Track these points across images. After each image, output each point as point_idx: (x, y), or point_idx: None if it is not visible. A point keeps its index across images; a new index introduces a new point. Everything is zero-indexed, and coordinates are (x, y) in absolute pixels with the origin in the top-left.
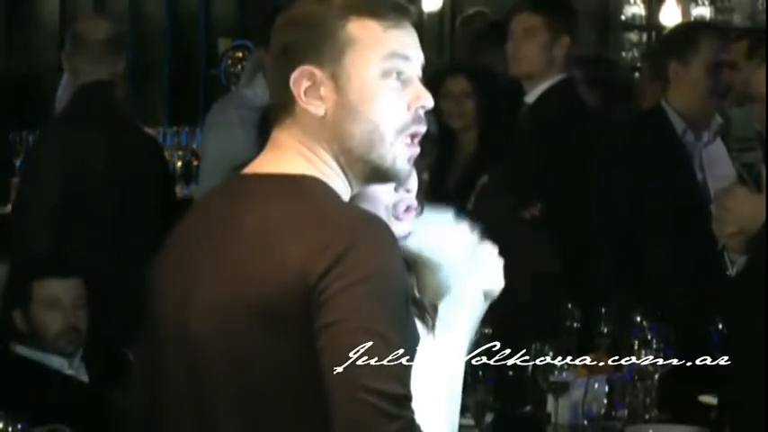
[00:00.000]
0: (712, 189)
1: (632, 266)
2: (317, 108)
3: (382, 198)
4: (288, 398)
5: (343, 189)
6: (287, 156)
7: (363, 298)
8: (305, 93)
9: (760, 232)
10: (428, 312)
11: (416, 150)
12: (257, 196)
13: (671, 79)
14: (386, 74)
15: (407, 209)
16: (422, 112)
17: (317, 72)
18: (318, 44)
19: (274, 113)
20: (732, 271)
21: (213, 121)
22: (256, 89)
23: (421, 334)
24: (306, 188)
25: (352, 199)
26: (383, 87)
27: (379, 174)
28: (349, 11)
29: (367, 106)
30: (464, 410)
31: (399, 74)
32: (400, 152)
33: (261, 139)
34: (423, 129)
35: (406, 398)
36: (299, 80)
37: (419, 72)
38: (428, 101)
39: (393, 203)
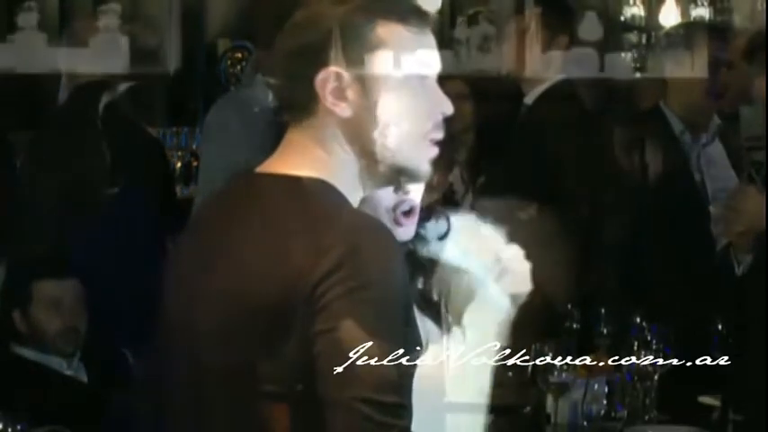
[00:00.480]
0: (710, 190)
1: (632, 267)
2: (342, 110)
3: (382, 200)
4: (287, 399)
5: (353, 192)
6: (299, 157)
7: (361, 305)
8: (330, 94)
9: (762, 231)
10: (442, 314)
11: (436, 151)
12: (263, 197)
13: (669, 80)
14: (411, 79)
15: (410, 210)
16: (440, 118)
17: (345, 74)
18: (345, 46)
19: (287, 114)
20: (739, 270)
21: (212, 121)
22: (256, 90)
23: (436, 337)
24: (312, 191)
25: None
26: (408, 92)
27: (401, 176)
28: (375, 14)
29: (392, 110)
30: None
31: (422, 79)
32: (423, 156)
33: (275, 139)
34: (441, 135)
35: (402, 407)
36: (326, 81)
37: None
38: (448, 107)
39: (393, 205)
